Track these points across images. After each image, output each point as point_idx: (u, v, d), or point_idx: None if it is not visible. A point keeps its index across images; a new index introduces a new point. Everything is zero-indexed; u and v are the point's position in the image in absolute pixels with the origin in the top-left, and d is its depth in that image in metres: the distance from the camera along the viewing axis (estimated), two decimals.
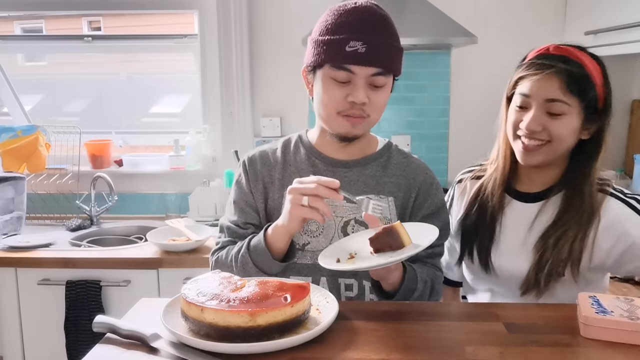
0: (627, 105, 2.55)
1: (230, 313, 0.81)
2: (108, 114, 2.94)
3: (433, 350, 0.83)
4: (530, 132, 1.09)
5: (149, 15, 2.85)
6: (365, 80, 1.05)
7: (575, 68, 1.06)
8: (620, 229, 1.10)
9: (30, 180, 2.59)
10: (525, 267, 1.15)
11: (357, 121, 1.08)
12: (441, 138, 2.62)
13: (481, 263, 1.22)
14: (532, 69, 1.09)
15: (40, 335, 2.11)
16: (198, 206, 2.52)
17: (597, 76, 1.08)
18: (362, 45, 1.02)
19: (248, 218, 1.19)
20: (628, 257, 1.11)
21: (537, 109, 1.08)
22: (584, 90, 1.06)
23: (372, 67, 1.04)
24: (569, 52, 1.08)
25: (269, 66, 2.59)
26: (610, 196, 1.12)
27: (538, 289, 1.14)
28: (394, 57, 1.08)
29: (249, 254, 1.10)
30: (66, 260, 2.06)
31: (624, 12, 1.95)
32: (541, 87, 1.07)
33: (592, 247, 1.11)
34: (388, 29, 1.07)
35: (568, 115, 1.07)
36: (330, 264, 0.97)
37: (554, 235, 1.12)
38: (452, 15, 2.23)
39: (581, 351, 0.83)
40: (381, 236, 0.97)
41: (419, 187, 1.18)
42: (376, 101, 1.07)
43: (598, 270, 1.15)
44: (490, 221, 1.20)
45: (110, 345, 0.86)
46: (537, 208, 1.17)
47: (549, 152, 1.10)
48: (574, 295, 1.14)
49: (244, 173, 1.22)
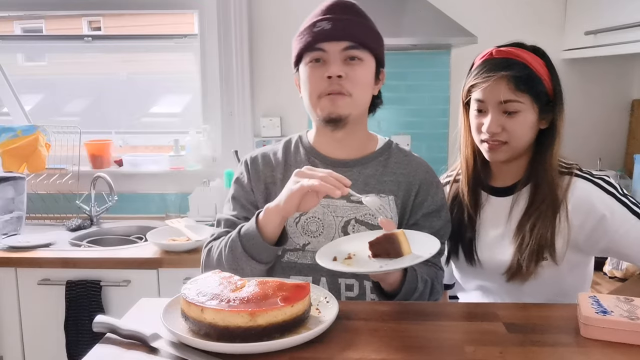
0: (627, 105, 2.55)
1: (230, 313, 0.81)
2: (108, 114, 2.94)
3: (433, 350, 0.83)
4: (491, 134, 1.16)
5: (149, 15, 2.85)
6: (339, 55, 1.09)
7: (519, 69, 1.13)
8: (588, 206, 1.15)
9: (30, 180, 2.60)
10: (507, 256, 1.20)
11: (337, 98, 1.09)
12: (441, 138, 2.62)
13: (466, 258, 1.26)
14: (480, 77, 1.16)
15: (40, 335, 2.11)
16: (198, 206, 2.52)
17: (541, 70, 1.15)
18: (328, 22, 1.08)
19: (249, 214, 1.18)
20: (599, 233, 1.16)
21: (493, 112, 1.15)
22: (532, 86, 1.13)
23: (340, 41, 1.08)
24: (510, 54, 1.16)
25: (269, 66, 2.59)
26: (576, 177, 1.18)
27: (521, 274, 1.18)
28: (365, 33, 1.11)
29: (239, 239, 1.06)
30: (66, 260, 2.06)
31: (624, 12, 1.95)
32: (492, 91, 1.14)
33: (567, 226, 1.16)
34: (357, 11, 1.13)
35: (523, 112, 1.14)
36: (326, 263, 0.96)
37: (529, 222, 1.18)
38: (452, 15, 2.23)
39: (581, 351, 0.83)
40: (381, 242, 0.97)
41: (419, 185, 1.18)
42: (353, 76, 1.09)
43: (576, 250, 1.19)
44: (469, 218, 1.26)
45: (110, 345, 0.86)
46: (512, 200, 1.23)
47: (511, 148, 1.17)
48: (557, 278, 1.20)
49: (246, 172, 1.22)
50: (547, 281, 1.19)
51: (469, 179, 1.27)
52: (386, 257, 0.96)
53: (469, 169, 1.27)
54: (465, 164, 1.28)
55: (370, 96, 1.17)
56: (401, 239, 0.96)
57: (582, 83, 2.48)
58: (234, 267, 1.06)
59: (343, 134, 1.15)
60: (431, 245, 0.97)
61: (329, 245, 1.06)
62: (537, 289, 1.20)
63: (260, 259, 1.06)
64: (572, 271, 1.22)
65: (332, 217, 1.16)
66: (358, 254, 1.01)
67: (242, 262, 1.06)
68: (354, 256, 1.01)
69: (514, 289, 1.23)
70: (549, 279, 1.19)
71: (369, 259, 0.98)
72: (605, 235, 1.16)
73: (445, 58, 2.55)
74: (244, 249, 1.05)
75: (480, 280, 1.30)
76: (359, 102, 1.12)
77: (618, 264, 1.80)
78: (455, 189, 1.32)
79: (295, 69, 1.18)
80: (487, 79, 1.14)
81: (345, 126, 1.13)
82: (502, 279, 1.22)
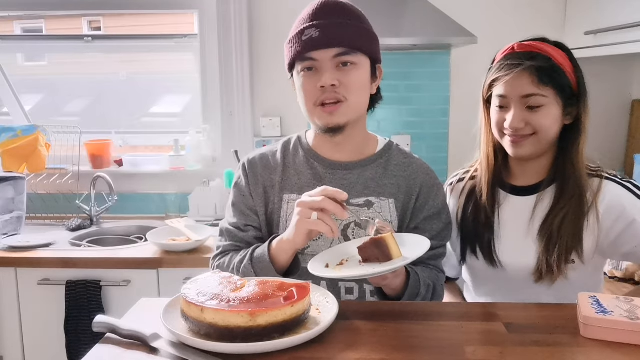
0: (627, 105, 2.55)
1: (230, 313, 0.81)
2: (108, 114, 2.94)
3: (433, 350, 0.83)
4: (514, 130, 1.13)
5: (149, 15, 2.85)
6: (330, 63, 1.06)
7: (543, 60, 1.11)
8: (620, 210, 1.13)
9: (30, 180, 2.60)
10: (532, 257, 1.17)
11: (333, 108, 1.07)
12: (441, 138, 2.62)
13: (487, 259, 1.23)
14: (502, 71, 1.13)
15: (40, 335, 2.11)
16: (198, 206, 2.53)
17: (565, 63, 1.13)
18: (316, 30, 1.05)
19: (248, 220, 1.18)
20: (627, 237, 1.14)
21: (516, 107, 1.12)
22: (555, 79, 1.11)
23: (330, 48, 1.05)
24: (533, 47, 1.13)
25: (269, 66, 2.59)
26: (606, 180, 1.16)
27: (552, 275, 1.15)
28: (356, 35, 1.07)
29: (252, 265, 1.08)
30: (66, 260, 2.06)
31: (624, 12, 1.95)
32: (514, 85, 1.11)
33: (597, 228, 1.14)
34: (345, 12, 1.08)
35: (547, 106, 1.12)
36: (317, 270, 0.96)
37: (555, 220, 1.15)
38: (452, 15, 2.23)
39: (581, 351, 0.83)
40: (369, 246, 0.96)
41: (420, 188, 1.17)
42: (347, 82, 1.06)
43: (601, 252, 1.17)
44: (486, 218, 1.22)
45: (110, 345, 0.86)
46: (535, 200, 1.20)
47: (536, 143, 1.14)
48: (585, 280, 1.17)
49: (244, 176, 1.21)
50: (574, 283, 1.16)
51: (489, 178, 1.23)
52: (376, 262, 0.96)
53: (489, 168, 1.23)
54: (487, 162, 1.23)
55: (367, 97, 1.14)
56: (390, 242, 0.94)
57: None
58: None
59: (342, 138, 1.14)
60: (420, 246, 0.96)
61: (324, 253, 1.06)
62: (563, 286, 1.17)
63: None
64: (593, 274, 1.20)
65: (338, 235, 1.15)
66: (351, 259, 1.01)
67: None
68: (346, 262, 1.00)
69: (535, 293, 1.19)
70: (576, 278, 1.16)
71: (359, 265, 0.97)
72: (633, 239, 1.13)
73: (445, 58, 2.55)
74: (257, 276, 1.06)
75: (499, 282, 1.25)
76: (356, 106, 1.10)
77: (618, 264, 1.80)
78: (471, 186, 1.28)
79: (290, 74, 1.16)
80: (509, 72, 1.11)
81: (344, 132, 1.12)
82: (530, 280, 1.18)
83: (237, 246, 1.17)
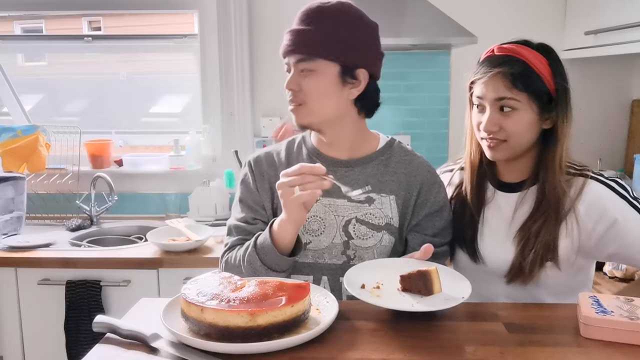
0: (627, 105, 2.55)
1: (230, 313, 0.81)
2: (108, 114, 2.94)
3: (433, 350, 0.83)
4: (488, 132, 1.14)
5: (149, 15, 2.85)
6: (295, 68, 1.12)
7: (517, 65, 1.11)
8: (601, 209, 1.13)
9: (30, 180, 2.59)
10: (509, 255, 1.18)
11: (295, 110, 1.14)
12: (441, 138, 2.62)
13: (469, 254, 1.24)
14: (479, 73, 1.15)
15: (40, 335, 2.11)
16: (198, 206, 2.52)
17: (542, 68, 1.12)
18: (290, 35, 1.12)
19: (256, 214, 1.21)
20: (610, 237, 1.13)
21: (490, 109, 1.14)
22: (529, 84, 1.11)
23: (293, 55, 1.11)
24: (510, 51, 1.14)
25: (269, 66, 2.59)
26: (590, 179, 1.16)
27: (524, 277, 1.16)
28: (315, 42, 1.10)
29: (256, 252, 1.10)
30: (66, 260, 2.06)
31: (624, 12, 1.95)
32: (489, 88, 1.13)
33: (577, 231, 1.14)
34: (320, 17, 1.11)
35: (519, 110, 1.12)
36: (355, 291, 0.95)
37: (534, 226, 1.15)
38: (452, 15, 2.23)
39: (581, 351, 0.83)
40: (414, 277, 0.95)
41: (420, 185, 1.18)
42: (305, 87, 1.11)
43: (584, 255, 1.17)
44: (470, 214, 1.24)
45: (110, 345, 0.86)
46: (517, 199, 1.20)
47: (509, 149, 1.15)
48: (559, 281, 1.17)
49: (250, 173, 1.23)
50: (546, 282, 1.17)
51: (473, 176, 1.25)
52: (417, 293, 0.95)
53: (473, 167, 1.25)
54: (470, 162, 1.25)
55: (335, 102, 1.12)
56: (434, 277, 0.95)
57: (582, 83, 2.47)
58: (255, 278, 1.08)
59: (329, 137, 1.18)
60: (463, 287, 0.96)
61: (357, 268, 1.04)
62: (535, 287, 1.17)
63: (280, 268, 1.10)
64: (575, 275, 1.20)
65: (333, 216, 1.16)
66: (386, 283, 0.99)
67: (262, 274, 1.09)
68: (382, 285, 0.99)
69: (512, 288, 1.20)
70: (548, 279, 1.17)
71: (398, 292, 0.97)
72: (616, 240, 1.13)
73: (445, 58, 2.55)
74: (262, 262, 1.09)
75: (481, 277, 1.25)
76: (318, 110, 1.12)
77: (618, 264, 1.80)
78: (461, 176, 1.29)
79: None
80: (484, 75, 1.13)
81: (320, 132, 1.17)
82: (503, 280, 1.19)
83: (246, 240, 1.18)
